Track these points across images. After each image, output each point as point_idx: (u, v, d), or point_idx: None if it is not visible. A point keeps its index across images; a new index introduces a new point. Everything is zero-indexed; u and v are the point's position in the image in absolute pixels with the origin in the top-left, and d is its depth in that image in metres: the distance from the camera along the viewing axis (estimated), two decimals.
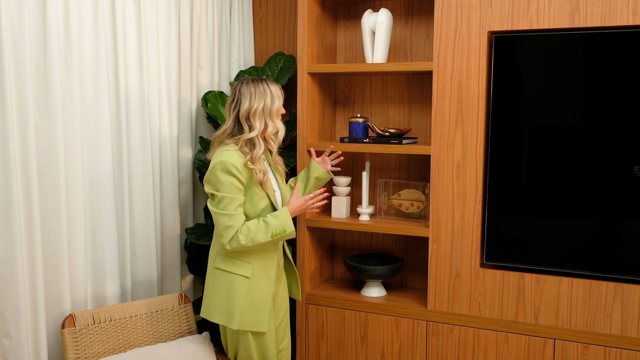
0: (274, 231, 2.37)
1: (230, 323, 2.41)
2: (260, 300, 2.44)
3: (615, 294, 2.48)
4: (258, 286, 2.44)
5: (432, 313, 2.79)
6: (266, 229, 2.36)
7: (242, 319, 2.41)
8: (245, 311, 2.41)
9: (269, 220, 2.38)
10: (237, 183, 2.34)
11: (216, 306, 2.45)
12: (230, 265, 2.43)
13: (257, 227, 2.35)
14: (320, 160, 2.79)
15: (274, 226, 2.37)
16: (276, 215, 2.40)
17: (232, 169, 2.32)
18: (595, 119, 2.48)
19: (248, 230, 2.34)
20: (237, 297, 2.41)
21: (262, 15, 3.52)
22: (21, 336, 2.25)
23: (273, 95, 2.43)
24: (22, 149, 2.25)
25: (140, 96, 2.76)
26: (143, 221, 2.81)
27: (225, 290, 2.43)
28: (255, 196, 2.40)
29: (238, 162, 2.34)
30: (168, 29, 2.93)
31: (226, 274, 2.43)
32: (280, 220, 2.39)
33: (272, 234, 2.37)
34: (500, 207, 2.66)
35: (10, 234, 2.20)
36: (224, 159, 2.33)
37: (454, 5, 2.63)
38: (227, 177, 2.32)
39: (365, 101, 3.22)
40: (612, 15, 2.40)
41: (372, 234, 3.27)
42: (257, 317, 2.43)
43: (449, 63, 2.66)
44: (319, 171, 2.73)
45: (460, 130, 2.67)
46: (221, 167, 2.32)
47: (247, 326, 2.42)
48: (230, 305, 2.41)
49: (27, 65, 2.23)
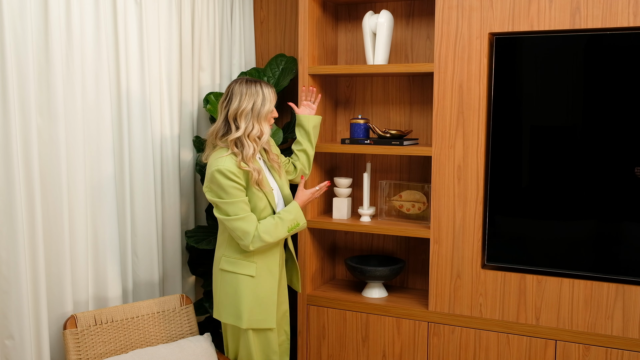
0: (290, 225, 2.48)
1: (239, 322, 2.45)
2: (265, 298, 2.48)
3: (617, 295, 2.48)
4: (263, 284, 2.48)
5: (433, 314, 2.79)
6: (283, 224, 2.45)
7: (250, 318, 2.45)
8: (252, 310, 2.45)
9: (283, 215, 2.47)
10: (238, 186, 2.37)
11: (225, 307, 2.49)
12: (235, 266, 2.47)
13: (274, 224, 2.43)
14: (303, 108, 2.83)
15: (289, 220, 2.47)
16: (289, 210, 2.49)
17: (230, 175, 2.35)
18: (596, 121, 2.49)
19: (267, 229, 2.41)
20: (243, 296, 2.44)
21: (263, 16, 3.53)
22: (24, 337, 2.25)
23: (265, 98, 2.43)
24: (25, 150, 2.25)
25: (142, 97, 2.76)
26: (144, 222, 2.81)
27: (232, 290, 2.47)
28: (254, 196, 2.43)
29: (233, 167, 2.36)
30: (169, 30, 2.93)
31: (232, 274, 2.47)
32: (293, 214, 2.49)
33: (288, 228, 2.47)
34: (501, 208, 2.66)
35: (12, 235, 2.20)
36: (220, 167, 2.35)
37: (455, 7, 2.64)
38: (228, 182, 2.35)
39: (367, 102, 3.23)
40: (612, 17, 2.40)
41: (373, 235, 3.27)
42: (264, 314, 2.47)
43: (450, 64, 2.66)
44: (312, 120, 2.79)
45: (461, 131, 2.67)
46: (220, 174, 2.34)
47: (255, 324, 2.46)
48: (237, 305, 2.45)
49: (29, 67, 2.23)
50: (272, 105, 2.46)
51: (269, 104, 2.45)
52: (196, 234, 3.05)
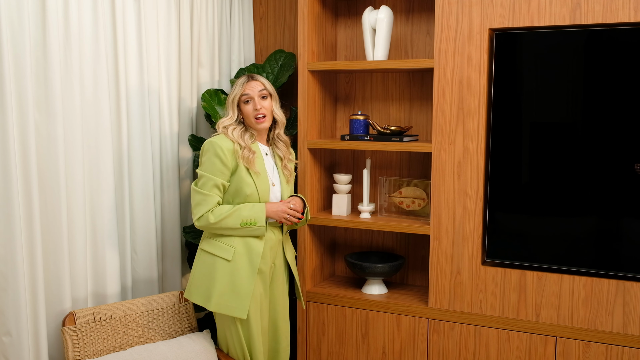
0: (245, 220, 2.42)
1: (207, 304, 2.44)
2: (241, 287, 2.43)
3: (617, 291, 2.48)
4: (240, 272, 2.44)
5: (433, 311, 2.79)
6: (238, 215, 2.42)
7: (220, 302, 2.42)
8: (223, 294, 2.42)
9: (242, 208, 2.43)
10: (219, 164, 2.40)
11: (197, 287, 2.49)
12: (213, 247, 2.47)
13: (229, 211, 2.42)
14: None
15: (246, 215, 2.42)
16: (252, 207, 2.45)
17: (218, 150, 2.40)
18: (596, 116, 2.48)
19: (220, 212, 2.41)
20: (217, 279, 2.43)
21: (263, 12, 3.52)
22: (21, 334, 2.24)
23: (236, 84, 2.53)
24: (22, 146, 2.24)
25: (141, 94, 2.75)
26: (143, 219, 2.80)
27: (207, 271, 2.46)
28: (242, 182, 2.43)
29: (225, 144, 2.42)
30: (168, 26, 2.92)
31: (209, 255, 2.47)
32: (254, 211, 2.43)
33: (242, 222, 2.42)
34: (502, 204, 2.65)
35: (10, 231, 2.19)
36: (212, 140, 2.43)
37: (455, 2, 2.62)
38: (211, 157, 2.41)
39: (366, 99, 3.21)
40: (613, 12, 2.39)
41: (373, 232, 3.26)
42: (236, 302, 2.42)
43: (450, 60, 2.65)
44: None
45: (461, 127, 2.66)
46: (208, 147, 2.43)
47: (224, 309, 2.42)
48: (209, 286, 2.44)
49: (26, 63, 2.22)
50: (240, 88, 2.49)
51: (237, 88, 2.51)
52: (194, 230, 3.04)
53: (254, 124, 2.50)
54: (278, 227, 2.59)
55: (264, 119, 2.50)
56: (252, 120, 2.49)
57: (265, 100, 2.50)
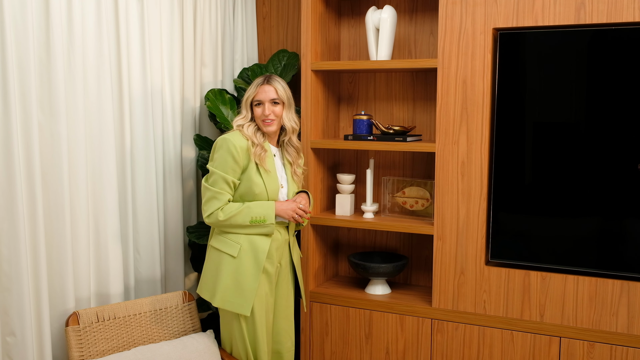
0: (255, 217, 2.43)
1: (212, 299, 2.46)
2: (245, 284, 2.43)
3: (622, 291, 2.47)
4: (245, 269, 2.44)
5: (437, 311, 2.78)
6: (247, 212, 2.43)
7: (224, 297, 2.44)
8: (227, 290, 2.44)
9: (252, 205, 2.45)
10: (231, 162, 2.41)
11: (205, 283, 2.52)
12: (220, 244, 2.48)
13: (239, 208, 2.43)
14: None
15: (256, 212, 2.44)
16: (261, 204, 2.46)
17: (231, 147, 2.41)
18: (600, 116, 2.47)
19: (230, 210, 2.42)
20: (222, 274, 2.45)
21: (266, 12, 3.51)
22: (25, 334, 2.24)
23: (252, 84, 2.55)
24: (26, 147, 2.24)
25: (144, 94, 2.75)
26: (146, 219, 2.80)
27: (214, 267, 2.49)
28: (251, 182, 2.45)
29: (239, 142, 2.43)
30: (171, 26, 2.92)
31: (217, 251, 2.49)
32: (264, 209, 2.45)
33: (251, 219, 2.43)
34: (505, 204, 2.64)
35: (14, 232, 2.20)
36: (226, 137, 2.44)
37: (459, 2, 2.62)
38: (223, 154, 2.42)
39: (370, 98, 3.21)
40: (617, 12, 2.38)
41: (376, 232, 3.26)
42: (240, 299, 2.43)
43: (454, 60, 2.65)
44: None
45: (465, 127, 2.65)
46: (221, 143, 2.44)
47: (228, 305, 2.44)
48: (215, 282, 2.46)
49: (30, 64, 2.22)
50: (254, 91, 2.52)
51: (252, 89, 2.53)
52: (198, 229, 3.04)
53: (262, 126, 2.52)
54: (284, 227, 2.59)
55: (271, 123, 2.51)
56: (260, 123, 2.52)
57: (276, 106, 2.52)
